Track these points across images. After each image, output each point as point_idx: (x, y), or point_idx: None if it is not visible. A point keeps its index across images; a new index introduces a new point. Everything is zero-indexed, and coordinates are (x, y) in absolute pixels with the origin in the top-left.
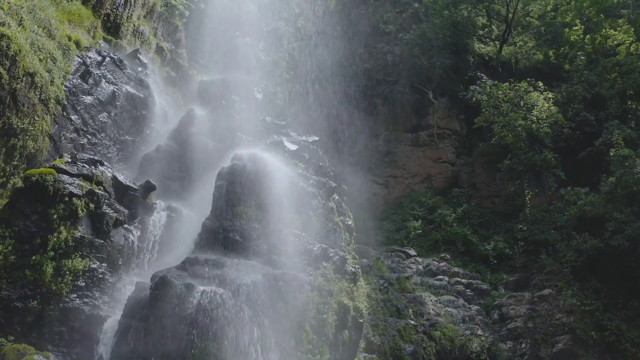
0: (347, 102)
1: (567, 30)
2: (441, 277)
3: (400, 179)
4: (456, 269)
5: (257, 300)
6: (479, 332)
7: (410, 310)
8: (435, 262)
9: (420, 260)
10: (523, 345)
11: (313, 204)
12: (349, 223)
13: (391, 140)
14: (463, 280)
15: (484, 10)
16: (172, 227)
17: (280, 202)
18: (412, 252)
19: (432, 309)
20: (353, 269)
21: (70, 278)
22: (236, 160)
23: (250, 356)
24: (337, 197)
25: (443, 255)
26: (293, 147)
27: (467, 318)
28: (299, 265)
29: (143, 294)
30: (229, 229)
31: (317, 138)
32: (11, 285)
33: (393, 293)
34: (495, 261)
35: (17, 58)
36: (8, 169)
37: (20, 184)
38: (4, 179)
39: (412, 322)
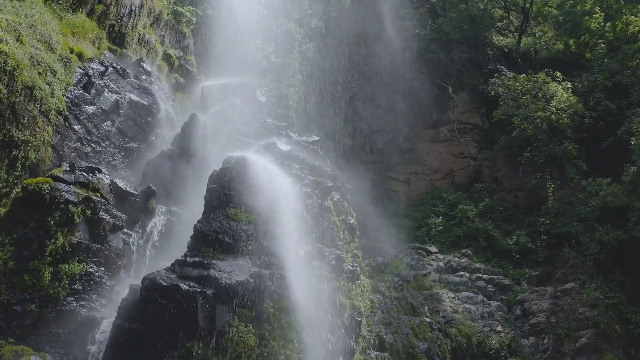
0: (365, 100)
1: (587, 18)
2: (462, 273)
3: (422, 176)
4: (477, 265)
5: (243, 300)
6: (499, 328)
7: (426, 307)
8: (456, 259)
9: (441, 257)
10: (545, 340)
11: (308, 203)
12: (351, 222)
13: (412, 137)
14: (484, 276)
15: (500, 1)
16: (173, 231)
17: (272, 203)
18: (433, 249)
19: (450, 306)
20: (351, 268)
21: (67, 282)
22: (227, 163)
23: (236, 356)
24: (338, 196)
25: (464, 251)
26: (286, 148)
27: (486, 314)
28: (290, 265)
29: (136, 297)
30: (219, 230)
31: (317, 138)
32: (10, 290)
33: (409, 291)
34: (518, 256)
35: (15, 73)
36: (11, 179)
37: (20, 193)
38: (7, 189)
39: (427, 320)
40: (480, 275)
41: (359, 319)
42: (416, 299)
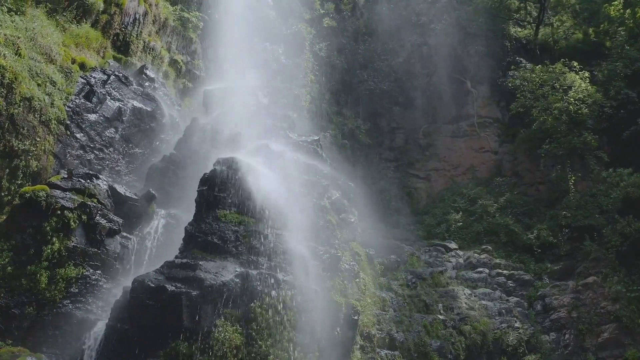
0: (382, 97)
1: (605, 6)
2: (481, 269)
3: (442, 172)
4: (498, 261)
5: (229, 300)
6: (517, 324)
7: (440, 305)
8: (476, 255)
9: (461, 253)
10: (567, 336)
11: (301, 203)
12: (352, 220)
13: (431, 133)
14: (504, 272)
15: None
16: (171, 233)
17: (262, 204)
18: (453, 245)
19: (465, 303)
20: (348, 266)
21: (64, 285)
22: (216, 165)
23: (223, 355)
24: (337, 195)
25: (485, 247)
26: (279, 148)
27: (503, 310)
28: (280, 264)
29: (127, 298)
30: (208, 232)
31: (316, 137)
32: (9, 294)
33: (423, 288)
34: (539, 250)
35: (13, 85)
36: (12, 188)
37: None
38: (9, 197)
39: (441, 317)
40: (500, 271)
41: (355, 317)
42: (430, 296)
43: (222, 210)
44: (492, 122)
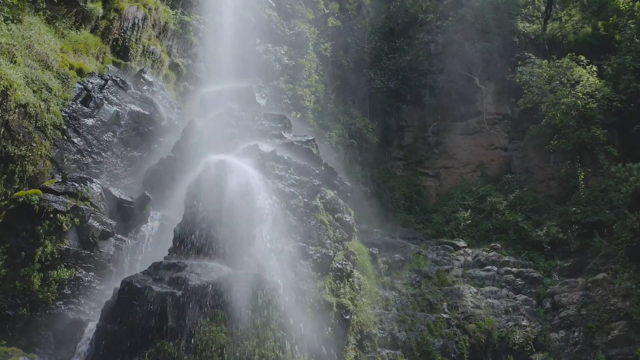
0: (390, 96)
1: None
2: (489, 267)
3: (452, 170)
4: (506, 258)
5: (214, 300)
6: (524, 322)
7: (445, 303)
8: (484, 253)
9: (469, 251)
10: (576, 333)
11: (291, 203)
12: (347, 219)
13: (440, 131)
14: (513, 269)
15: None
16: (166, 235)
17: (250, 204)
18: (462, 243)
19: (471, 301)
20: (340, 266)
21: (56, 287)
22: (204, 167)
23: (208, 355)
24: (332, 194)
25: (494, 244)
26: (269, 149)
27: (510, 309)
28: (268, 264)
29: (116, 299)
30: (195, 233)
31: (311, 137)
32: (3, 295)
33: (428, 287)
34: (549, 247)
35: (8, 92)
36: (9, 193)
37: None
38: (6, 201)
39: (445, 316)
40: (509, 268)
41: (346, 317)
42: (435, 295)
43: (211, 211)
44: (501, 119)
